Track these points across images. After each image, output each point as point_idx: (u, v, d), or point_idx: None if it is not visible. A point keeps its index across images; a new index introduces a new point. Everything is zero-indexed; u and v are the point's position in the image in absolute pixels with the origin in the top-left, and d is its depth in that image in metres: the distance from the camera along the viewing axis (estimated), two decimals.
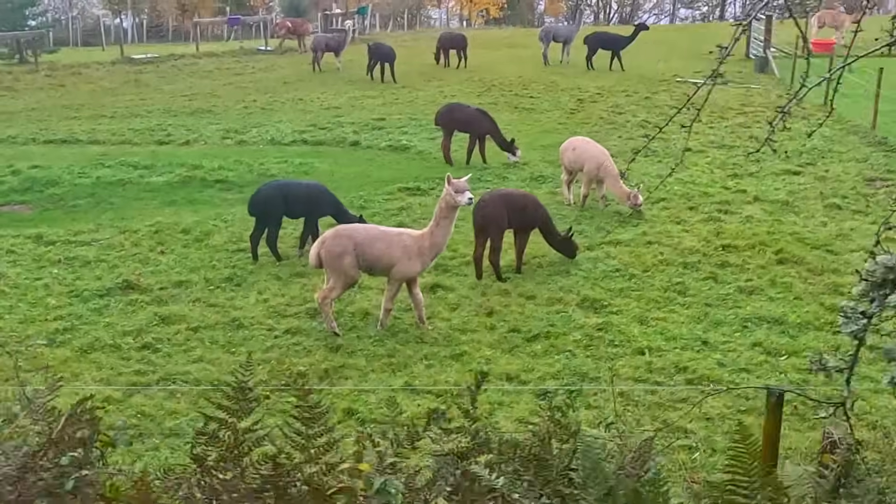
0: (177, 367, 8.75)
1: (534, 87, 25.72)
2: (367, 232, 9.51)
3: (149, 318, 9.97)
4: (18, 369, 8.31)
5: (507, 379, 8.38)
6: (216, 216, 13.80)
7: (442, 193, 9.46)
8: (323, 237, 9.53)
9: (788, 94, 15.27)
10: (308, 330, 9.68)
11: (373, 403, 7.92)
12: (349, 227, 9.76)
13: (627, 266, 11.41)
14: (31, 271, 11.57)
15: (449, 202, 9.23)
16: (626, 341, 9.19)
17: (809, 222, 13.12)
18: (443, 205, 9.28)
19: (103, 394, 8.11)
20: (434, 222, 9.35)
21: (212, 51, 33.20)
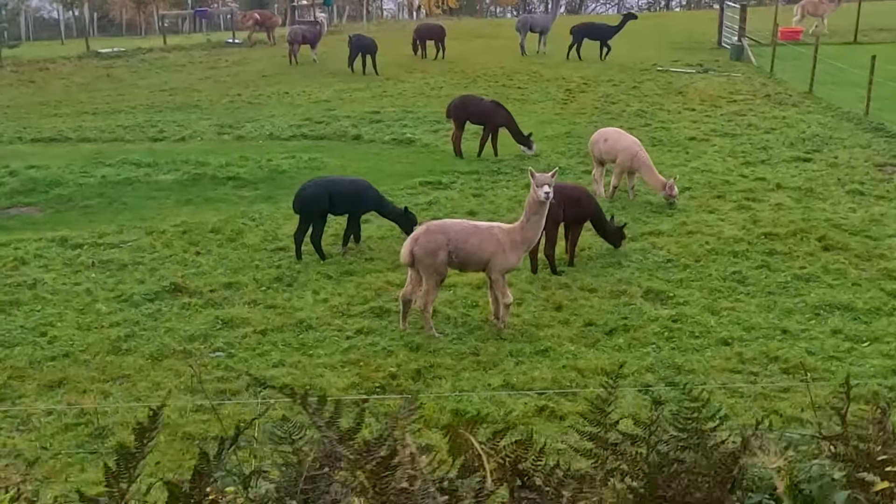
0: (259, 373, 8.47)
1: (518, 77, 25.66)
2: (460, 227, 9.29)
3: (210, 322, 9.65)
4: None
5: (603, 374, 8.29)
6: (241, 214, 13.44)
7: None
8: (416, 234, 9.29)
9: (772, 81, 15.70)
10: (379, 329, 9.47)
11: (478, 403, 7.78)
12: (441, 223, 9.53)
13: (678, 256, 11.42)
14: (67, 276, 11.13)
15: (533, 197, 9.08)
16: (705, 332, 9.19)
17: (838, 209, 13.29)
18: (530, 200, 9.13)
19: (192, 403, 7.85)
20: (525, 217, 9.19)
21: (179, 44, 32.37)
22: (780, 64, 25.77)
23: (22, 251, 11.93)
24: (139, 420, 6.98)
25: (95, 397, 8.06)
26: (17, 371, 8.57)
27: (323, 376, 8.39)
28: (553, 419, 7.52)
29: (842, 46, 29.77)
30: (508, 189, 14.63)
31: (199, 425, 7.47)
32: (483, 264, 9.19)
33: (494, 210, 13.51)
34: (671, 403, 7.37)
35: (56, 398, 8.06)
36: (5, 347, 9.11)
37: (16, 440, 7.31)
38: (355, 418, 2.35)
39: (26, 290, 10.66)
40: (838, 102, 21.21)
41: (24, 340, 9.25)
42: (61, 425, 7.51)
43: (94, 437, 7.36)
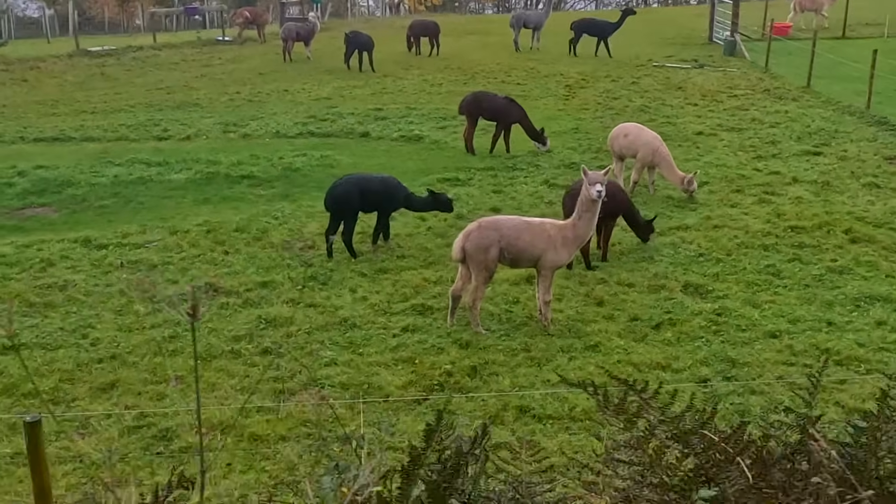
0: (316, 372, 8.42)
1: (516, 74, 25.68)
2: (512, 223, 9.26)
3: (252, 322, 9.57)
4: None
5: (659, 368, 8.33)
6: (264, 213, 13.33)
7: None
8: (468, 230, 9.25)
9: (768, 76, 15.84)
10: (425, 327, 9.43)
11: (539, 399, 7.77)
12: (493, 220, 9.49)
13: (709, 251, 11.48)
14: (97, 277, 10.98)
15: (585, 195, 9.06)
16: (751, 325, 9.24)
17: (857, 202, 13.42)
18: (582, 198, 9.11)
19: (253, 403, 7.79)
20: (577, 215, 9.17)
21: (170, 42, 32.02)
22: (773, 59, 25.98)
23: (46, 252, 11.75)
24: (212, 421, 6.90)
25: (151, 399, 7.98)
26: (65, 374, 8.45)
27: (378, 374, 8.35)
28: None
29: (831, 41, 30.07)
30: (527, 185, 14.64)
31: (264, 426, 7.41)
32: (534, 261, 9.18)
33: (517, 206, 13.49)
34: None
35: (111, 400, 7.96)
36: (48, 350, 8.98)
37: (79, 444, 7.21)
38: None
39: (57, 291, 10.51)
40: (836, 96, 21.43)
41: (67, 343, 9.12)
42: (123, 428, 7.41)
43: (159, 439, 7.28)
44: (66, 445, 7.19)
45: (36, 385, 8.01)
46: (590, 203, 9.06)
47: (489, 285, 9.56)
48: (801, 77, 23.69)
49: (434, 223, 12.81)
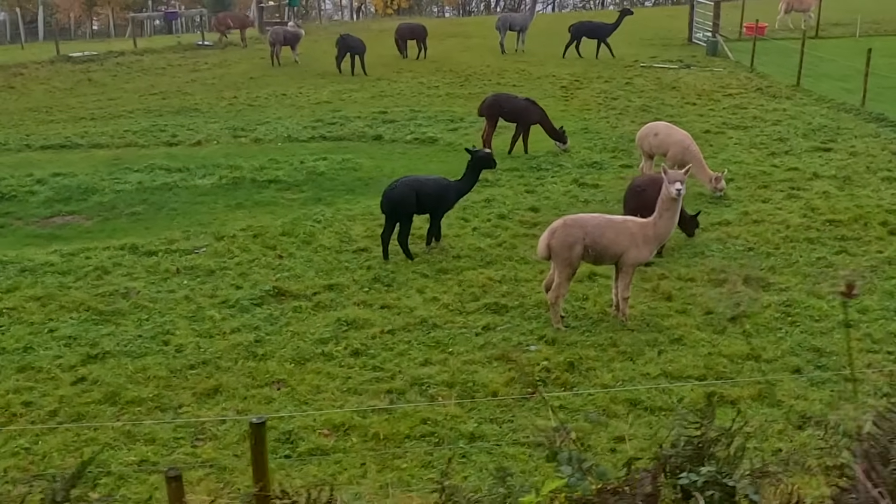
0: (414, 371, 8.48)
1: (508, 76, 25.88)
2: (596, 221, 9.40)
3: (332, 325, 9.59)
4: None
5: (751, 360, 8.55)
6: (304, 217, 13.30)
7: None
8: (553, 228, 9.36)
9: (755, 75, 16.30)
10: (504, 325, 9.54)
11: (644, 392, 7.94)
12: (578, 217, 9.61)
13: (757, 245, 11.78)
14: (156, 284, 10.89)
15: (665, 194, 9.25)
16: (823, 316, 9.53)
17: (882, 195, 13.83)
18: (663, 196, 9.30)
19: (365, 405, 7.83)
20: (657, 213, 9.35)
21: (151, 47, 31.60)
22: (755, 58, 26.57)
23: (95, 260, 11.61)
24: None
25: (259, 403, 7.97)
26: (162, 381, 8.39)
27: (477, 373, 8.44)
28: (724, 404, 7.71)
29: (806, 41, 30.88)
30: (557, 184, 14.82)
31: (384, 426, 7.45)
32: (617, 258, 9.34)
33: (554, 206, 13.68)
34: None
35: (221, 405, 7.93)
36: (133, 357, 8.90)
37: (203, 449, 7.19)
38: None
39: (120, 299, 10.41)
40: (826, 94, 22.01)
41: (151, 350, 9.05)
42: (242, 432, 7.39)
43: (283, 442, 7.29)
44: (190, 451, 7.16)
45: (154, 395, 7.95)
46: (670, 201, 9.26)
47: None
48: (786, 75, 24.31)
49: (478, 223, 12.93)
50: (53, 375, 8.50)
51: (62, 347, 9.12)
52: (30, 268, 11.35)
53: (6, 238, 12.94)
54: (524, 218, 13.17)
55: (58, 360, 8.84)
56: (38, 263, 11.48)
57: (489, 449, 7.15)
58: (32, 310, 10.08)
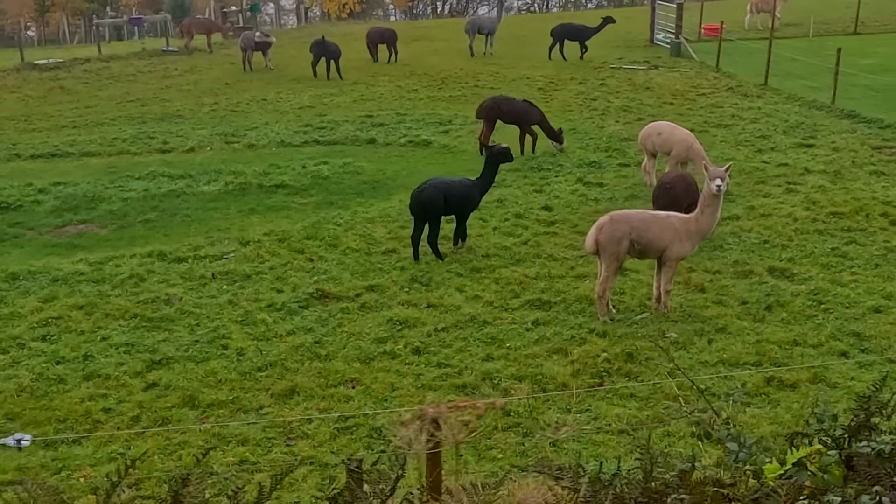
0: (479, 366, 8.73)
1: (483, 78, 26.23)
2: (641, 216, 9.76)
3: (385, 324, 9.78)
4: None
5: (799, 345, 9.00)
6: (323, 221, 13.42)
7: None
8: (600, 223, 9.68)
9: (723, 75, 17.04)
10: (553, 320, 9.83)
11: (707, 380, 8.31)
12: (624, 213, 9.95)
13: (771, 238, 12.29)
14: (195, 290, 10.93)
15: (706, 190, 9.65)
16: (853, 303, 10.04)
17: (875, 188, 14.49)
18: (705, 192, 9.69)
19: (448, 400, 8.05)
20: (699, 209, 9.73)
21: (116, 53, 31.13)
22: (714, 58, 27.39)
23: (125, 268, 11.60)
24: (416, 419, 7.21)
25: (339, 401, 8.14)
26: (234, 384, 8.50)
27: (542, 366, 8.73)
28: (785, 388, 8.14)
29: (762, 41, 31.89)
30: (563, 184, 15.19)
31: (468, 417, 7.67)
32: (661, 252, 9.71)
33: (566, 205, 14.05)
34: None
35: (301, 405, 8.08)
36: (197, 362, 8.98)
37: (299, 447, 7.34)
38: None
39: (163, 305, 10.45)
40: (794, 92, 22.83)
41: (213, 354, 9.14)
42: (331, 431, 7.57)
43: (375, 438, 7.47)
44: (287, 450, 7.31)
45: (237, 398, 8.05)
46: (711, 197, 9.66)
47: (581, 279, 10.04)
48: (751, 74, 25.14)
49: (497, 223, 13.22)
50: (123, 382, 8.54)
51: (122, 354, 9.14)
52: (61, 277, 11.29)
53: (23, 248, 12.81)
54: (540, 217, 13.50)
55: (121, 366, 8.88)
56: (68, 273, 11.43)
57: (576, 437, 7.44)
58: (78, 318, 10.07)
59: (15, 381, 8.57)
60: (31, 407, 8.11)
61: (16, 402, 8.19)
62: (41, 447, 7.42)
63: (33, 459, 7.21)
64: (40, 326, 9.86)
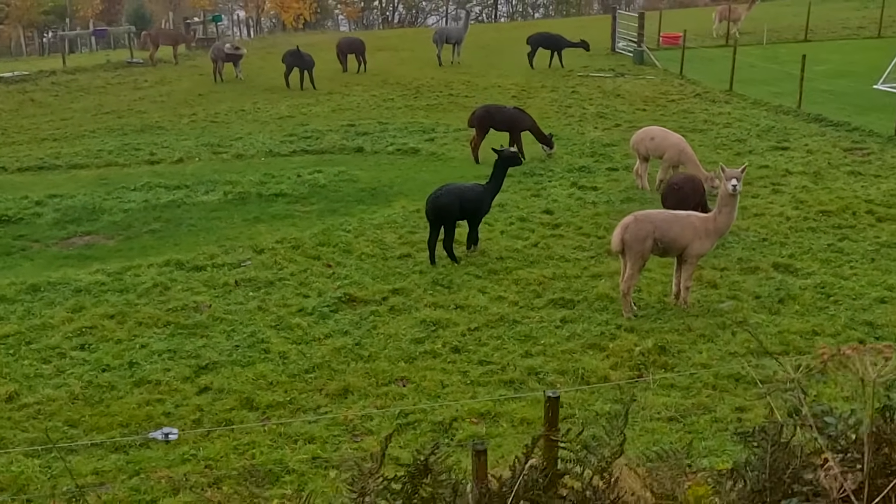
0: (521, 363, 9.06)
1: (456, 87, 26.61)
2: (663, 216, 10.20)
3: (418, 325, 10.07)
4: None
5: (819, 335, 9.51)
6: (332, 228, 13.62)
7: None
8: (625, 223, 10.09)
9: (688, 82, 17.88)
10: (579, 318, 10.22)
11: (739, 369, 8.76)
12: (647, 213, 10.37)
13: (769, 235, 12.86)
14: (221, 297, 11.09)
15: (722, 190, 10.13)
16: (859, 294, 10.61)
17: (854, 187, 15.19)
18: (722, 193, 10.17)
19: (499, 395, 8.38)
20: (717, 209, 10.21)
21: (81, 65, 30.82)
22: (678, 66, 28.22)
23: (145, 278, 11.69)
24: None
25: (393, 399, 8.40)
26: (286, 385, 8.72)
27: (580, 360, 9.10)
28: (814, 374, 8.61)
29: (720, 49, 32.96)
30: (558, 188, 15.62)
31: (526, 411, 8.02)
32: (682, 250, 10.17)
33: (566, 208, 14.47)
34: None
35: (357, 403, 8.32)
36: (243, 366, 9.16)
37: (367, 442, 7.58)
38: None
39: (193, 313, 10.59)
40: (759, 98, 23.66)
41: (256, 358, 9.32)
42: (393, 426, 7.83)
43: (439, 433, 7.75)
44: (356, 446, 7.55)
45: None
46: (728, 197, 10.15)
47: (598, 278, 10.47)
48: (714, 81, 25.98)
49: (503, 227, 13.58)
50: (175, 387, 8.69)
51: (166, 361, 9.28)
52: (83, 287, 11.34)
53: (34, 261, 12.80)
54: (543, 220, 13.90)
55: (168, 372, 9.02)
56: (89, 283, 11.48)
57: (629, 426, 7.79)
58: (111, 327, 10.16)
59: (65, 389, 8.67)
60: (90, 413, 8.23)
61: (73, 409, 8.30)
62: (110, 451, 7.56)
63: (107, 463, 7.34)
64: (76, 336, 9.93)
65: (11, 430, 7.93)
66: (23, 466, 7.22)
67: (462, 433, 7.69)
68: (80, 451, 7.56)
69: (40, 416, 8.21)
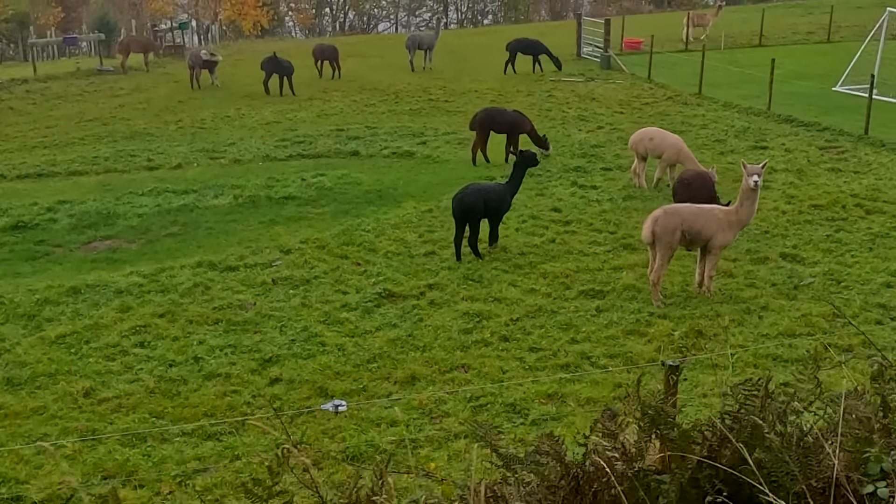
0: (571, 348, 9.61)
1: (435, 92, 27.15)
2: (690, 210, 10.84)
3: (462, 317, 10.54)
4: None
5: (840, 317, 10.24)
6: (351, 228, 14.01)
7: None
8: (654, 216, 10.70)
9: (657, 86, 19.00)
10: (611, 307, 10.80)
11: (774, 349, 9.43)
12: (675, 207, 11.00)
13: (770, 228, 13.63)
14: (262, 295, 11.42)
15: (744, 185, 10.82)
16: (866, 280, 11.38)
17: (838, 183, 16.11)
18: (743, 187, 10.86)
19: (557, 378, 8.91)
20: (739, 202, 10.90)
21: (52, 73, 30.59)
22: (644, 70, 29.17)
23: (183, 278, 11.95)
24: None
25: (459, 384, 8.87)
26: (352, 375, 9.13)
27: (625, 345, 9.69)
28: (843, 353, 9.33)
29: (680, 54, 34.11)
30: (559, 188, 16.23)
31: (590, 391, 8.56)
32: (706, 241, 10.84)
33: (573, 206, 15.09)
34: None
35: (427, 388, 8.77)
36: (304, 359, 9.54)
37: (448, 423, 8.05)
38: None
39: (239, 310, 10.91)
40: (729, 100, 24.65)
41: (316, 351, 9.70)
42: (468, 409, 8.30)
43: (511, 413, 8.25)
44: (438, 427, 8.01)
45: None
46: (749, 192, 10.85)
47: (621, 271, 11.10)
48: (681, 84, 27.00)
49: (517, 224, 14.12)
50: (246, 379, 9.04)
51: (229, 355, 9.61)
52: (124, 289, 11.58)
53: (62, 265, 12.96)
54: (553, 218, 14.49)
55: (234, 366, 9.36)
56: (128, 285, 11.72)
57: (683, 403, 8.39)
58: (164, 325, 10.44)
59: (139, 384, 8.95)
60: (171, 405, 8.54)
61: (153, 402, 8.60)
62: (203, 438, 7.90)
63: (204, 450, 7.68)
64: (132, 334, 10.19)
65: (99, 423, 8.21)
66: (127, 454, 7.52)
67: (533, 414, 8.20)
68: (172, 440, 7.89)
69: (122, 409, 8.49)
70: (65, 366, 9.38)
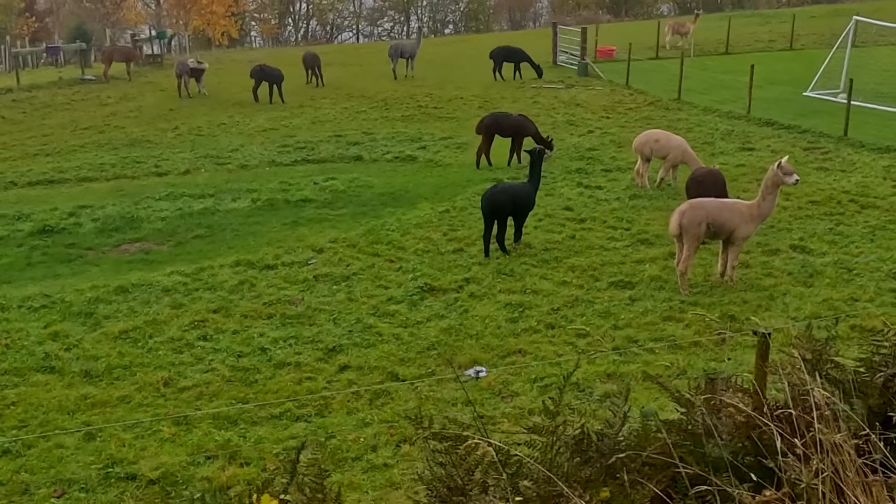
0: (617, 333, 10.22)
1: (423, 98, 27.74)
2: (714, 203, 11.53)
3: (504, 307, 11.08)
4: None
5: (859, 301, 11.00)
6: (376, 228, 14.51)
7: (768, 173, 11.71)
8: (681, 209, 11.37)
9: (637, 92, 20.10)
10: (642, 297, 11.43)
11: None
12: (700, 201, 11.67)
13: (776, 223, 14.40)
14: (307, 291, 11.86)
15: (775, 181, 11.53)
16: (874, 269, 12.14)
17: (829, 180, 17.00)
18: (768, 183, 11.57)
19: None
20: (761, 197, 11.62)
21: (35, 82, 30.57)
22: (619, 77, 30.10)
23: (226, 277, 12.35)
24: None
25: (519, 367, 9.43)
26: (418, 361, 9.62)
27: (666, 329, 10.33)
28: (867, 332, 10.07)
29: (652, 62, 35.17)
30: (566, 189, 16.90)
31: (646, 369, 9.17)
32: (729, 233, 11.54)
33: (583, 205, 15.76)
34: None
35: (492, 371, 9.31)
36: (365, 348, 10.01)
37: (519, 401, 8.59)
38: None
39: (290, 306, 11.35)
40: (707, 105, 25.62)
41: (375, 341, 10.17)
42: (537, 388, 8.86)
43: (577, 391, 8.83)
44: (511, 405, 8.56)
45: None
46: (773, 187, 11.58)
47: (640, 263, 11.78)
48: (658, 91, 27.96)
49: (535, 223, 14.70)
50: (316, 367, 9.50)
51: (293, 346, 10.05)
52: (170, 287, 11.94)
53: (100, 266, 13.26)
54: (567, 216, 15.14)
55: (300, 355, 9.81)
56: (173, 283, 12.08)
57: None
58: (220, 320, 10.84)
59: (215, 373, 9.37)
60: (252, 392, 8.97)
61: (234, 389, 9.03)
62: (292, 420, 8.35)
63: (297, 430, 8.12)
64: (192, 329, 10.58)
65: (187, 409, 8.61)
66: (226, 436, 7.95)
67: (598, 391, 8.79)
68: (261, 423, 8.32)
69: (205, 396, 8.90)
70: (136, 358, 9.75)
